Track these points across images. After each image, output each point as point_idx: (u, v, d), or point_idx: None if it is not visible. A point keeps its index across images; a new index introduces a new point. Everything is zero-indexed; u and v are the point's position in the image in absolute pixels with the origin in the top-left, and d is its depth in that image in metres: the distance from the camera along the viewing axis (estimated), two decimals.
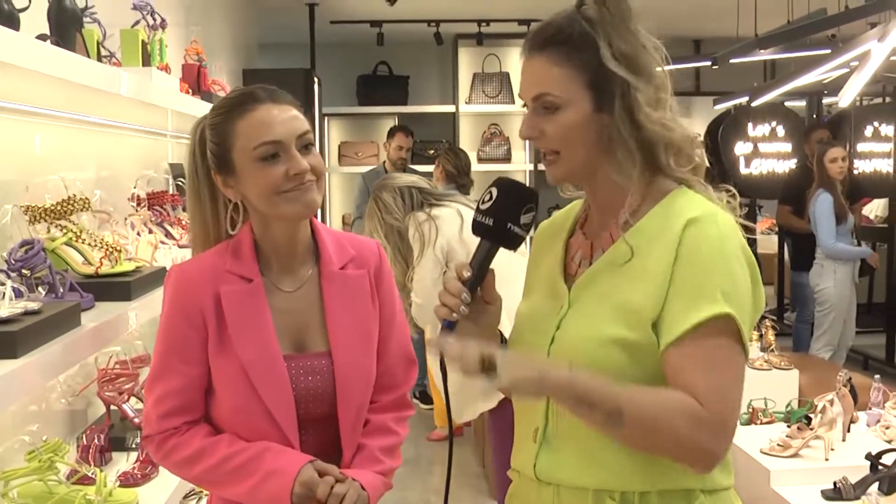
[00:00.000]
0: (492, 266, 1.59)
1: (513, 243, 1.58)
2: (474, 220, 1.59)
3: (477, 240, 1.60)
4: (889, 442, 3.27)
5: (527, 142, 8.89)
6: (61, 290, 2.03)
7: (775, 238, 9.16)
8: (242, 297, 1.79)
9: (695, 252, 1.47)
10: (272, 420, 1.77)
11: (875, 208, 9.21)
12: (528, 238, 1.61)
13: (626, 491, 1.51)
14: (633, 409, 1.42)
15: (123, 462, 2.63)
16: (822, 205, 6.28)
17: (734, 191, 1.60)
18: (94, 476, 2.31)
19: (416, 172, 6.90)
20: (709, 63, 6.47)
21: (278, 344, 1.80)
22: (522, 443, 1.65)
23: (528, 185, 1.63)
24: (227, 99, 1.85)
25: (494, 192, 1.57)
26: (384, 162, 7.09)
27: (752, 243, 1.64)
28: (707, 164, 1.62)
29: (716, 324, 1.44)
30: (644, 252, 1.51)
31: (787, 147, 8.22)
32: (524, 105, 1.59)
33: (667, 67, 1.57)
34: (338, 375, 1.82)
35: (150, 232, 2.99)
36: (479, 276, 1.56)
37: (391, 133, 7.07)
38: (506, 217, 1.55)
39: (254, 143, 1.75)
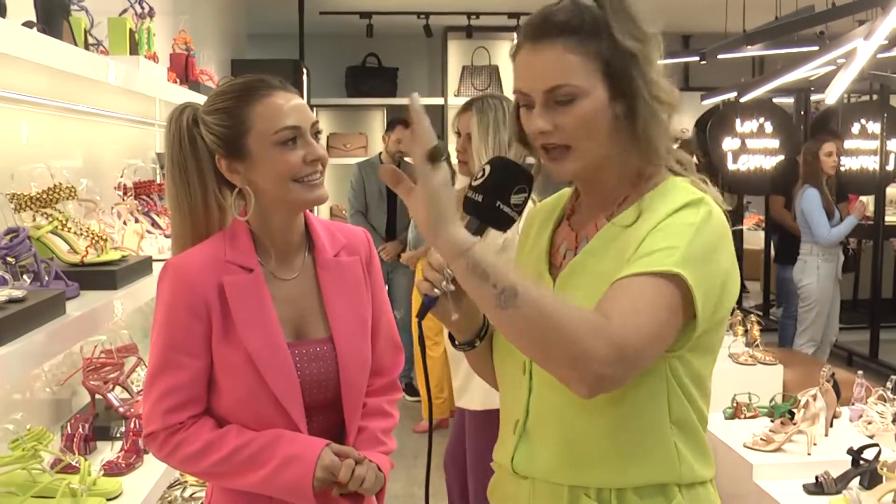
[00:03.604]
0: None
1: (502, 224, 1.51)
2: (465, 197, 1.52)
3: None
4: (871, 437, 3.30)
5: None
6: (46, 278, 2.02)
7: (762, 234, 9.19)
8: (245, 287, 1.80)
9: (673, 223, 1.44)
10: (280, 408, 1.78)
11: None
12: (519, 220, 1.54)
13: (603, 488, 1.50)
14: (531, 295, 1.34)
15: (108, 451, 2.62)
16: (810, 200, 6.31)
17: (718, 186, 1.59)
18: (78, 465, 2.31)
19: (409, 165, 6.96)
20: (697, 58, 6.49)
21: (282, 332, 1.81)
22: (505, 436, 1.65)
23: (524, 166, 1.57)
24: (238, 84, 1.83)
25: (487, 169, 1.51)
26: (380, 153, 7.06)
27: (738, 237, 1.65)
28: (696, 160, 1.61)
29: (663, 278, 1.39)
30: (632, 237, 1.47)
31: (775, 143, 8.24)
32: (525, 103, 1.52)
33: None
34: (340, 361, 1.85)
35: (137, 221, 2.98)
36: None
37: (391, 126, 7.04)
38: (496, 195, 1.49)
39: (275, 127, 1.76)
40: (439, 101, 8.81)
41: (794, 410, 3.23)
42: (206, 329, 1.78)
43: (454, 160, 3.55)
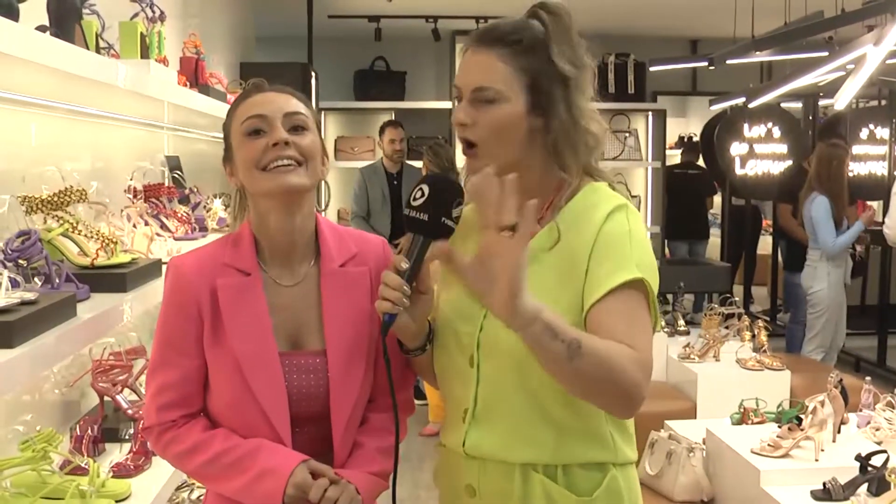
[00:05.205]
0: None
1: (446, 235, 1.66)
2: (407, 217, 1.66)
3: None
4: (878, 443, 3.29)
5: None
6: (57, 280, 2.03)
7: (770, 239, 9.17)
8: (239, 290, 1.78)
9: (611, 234, 1.63)
10: (265, 417, 1.75)
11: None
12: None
13: (549, 464, 1.66)
14: (589, 343, 1.50)
15: (116, 453, 2.63)
16: (818, 207, 6.27)
17: (625, 181, 1.77)
18: (87, 466, 2.32)
19: (412, 167, 6.99)
20: (705, 63, 6.50)
21: (274, 340, 1.78)
22: (453, 424, 1.78)
23: (456, 181, 1.72)
24: (238, 95, 1.91)
25: (426, 188, 1.65)
26: (381, 158, 7.11)
27: None
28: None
29: (632, 286, 1.60)
30: (565, 240, 1.66)
31: (783, 148, 8.24)
32: (457, 96, 1.71)
33: (659, 68, 1.68)
34: (332, 376, 1.79)
35: (146, 224, 2.99)
36: (416, 268, 1.64)
37: (382, 129, 7.12)
38: (440, 212, 1.64)
39: (242, 118, 1.79)
40: (447, 104, 8.81)
41: (802, 416, 3.22)
42: (198, 329, 1.78)
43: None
